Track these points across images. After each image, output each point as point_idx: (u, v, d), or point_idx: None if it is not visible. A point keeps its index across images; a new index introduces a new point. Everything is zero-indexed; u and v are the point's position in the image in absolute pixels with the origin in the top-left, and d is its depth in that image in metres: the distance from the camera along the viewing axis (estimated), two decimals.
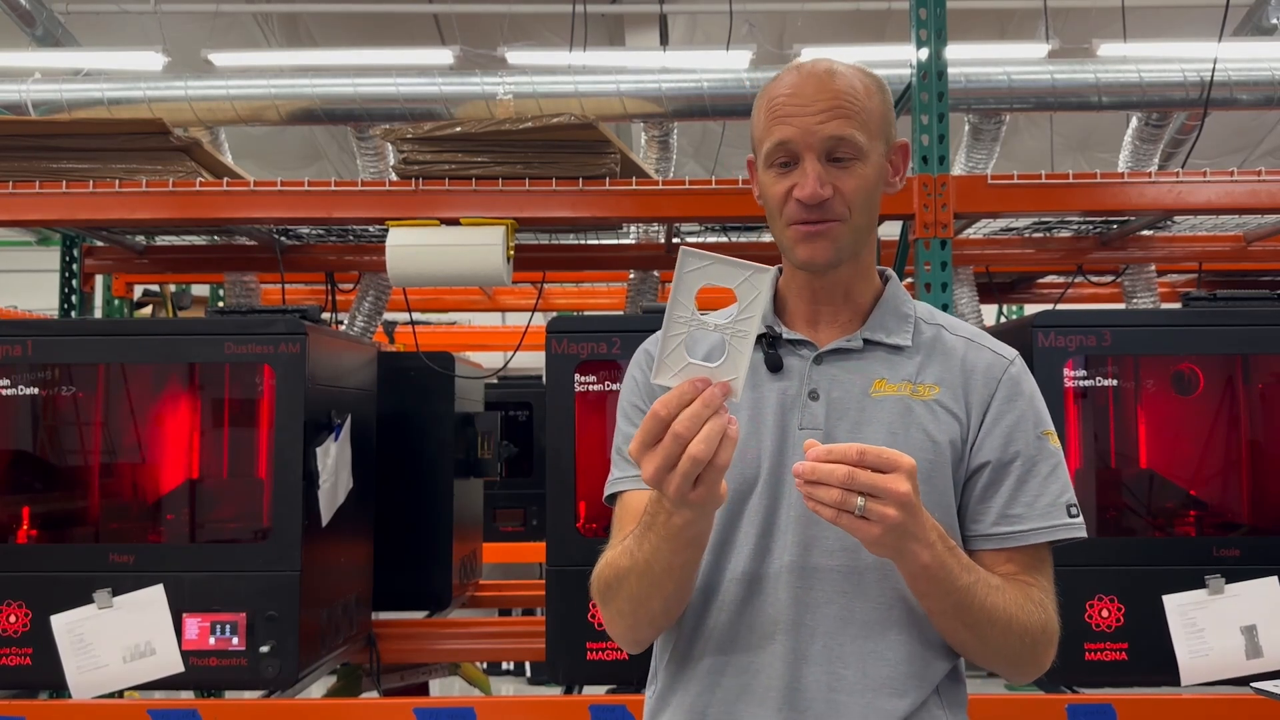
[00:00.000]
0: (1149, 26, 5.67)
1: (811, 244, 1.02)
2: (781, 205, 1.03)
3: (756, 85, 2.59)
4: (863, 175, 1.02)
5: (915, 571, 0.90)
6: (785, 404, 1.04)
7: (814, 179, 0.99)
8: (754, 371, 1.04)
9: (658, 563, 0.94)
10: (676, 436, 0.81)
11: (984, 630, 0.96)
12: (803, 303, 1.09)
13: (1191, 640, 1.77)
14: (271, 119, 2.62)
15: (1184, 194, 2.00)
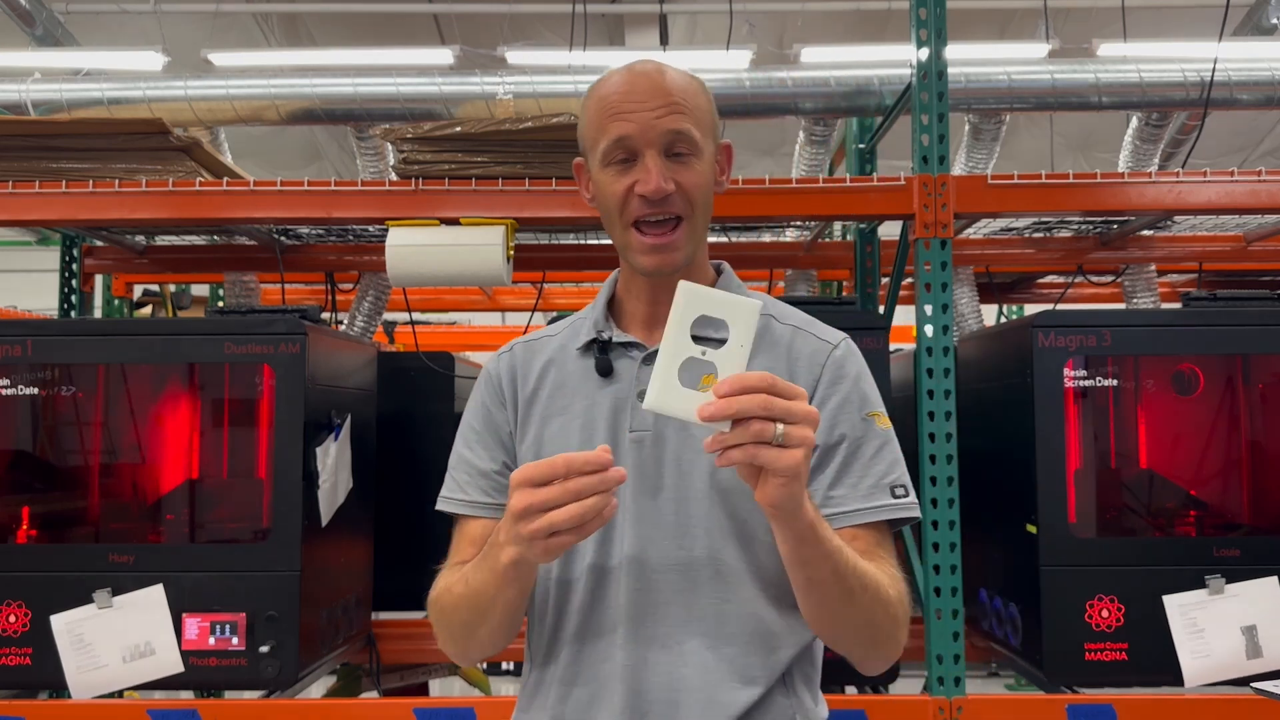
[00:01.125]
0: (1149, 26, 5.67)
1: (659, 255, 1.02)
2: (622, 204, 1.02)
3: (757, 85, 2.58)
4: (700, 171, 1.02)
5: (802, 530, 0.87)
6: (616, 408, 1.05)
7: (657, 173, 0.99)
8: (586, 380, 1.07)
9: (485, 595, 0.96)
10: (565, 490, 0.82)
11: (860, 597, 0.94)
12: (641, 305, 1.09)
13: (1192, 640, 1.77)
14: (271, 119, 2.62)
15: (1184, 194, 2.00)
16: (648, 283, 1.07)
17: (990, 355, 2.16)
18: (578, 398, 1.07)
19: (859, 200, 1.99)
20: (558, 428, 1.06)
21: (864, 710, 1.78)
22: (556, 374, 1.09)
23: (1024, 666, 1.97)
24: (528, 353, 1.13)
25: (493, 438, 1.10)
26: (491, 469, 1.09)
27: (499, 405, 1.11)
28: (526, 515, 0.82)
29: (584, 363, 1.08)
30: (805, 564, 0.91)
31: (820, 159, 2.84)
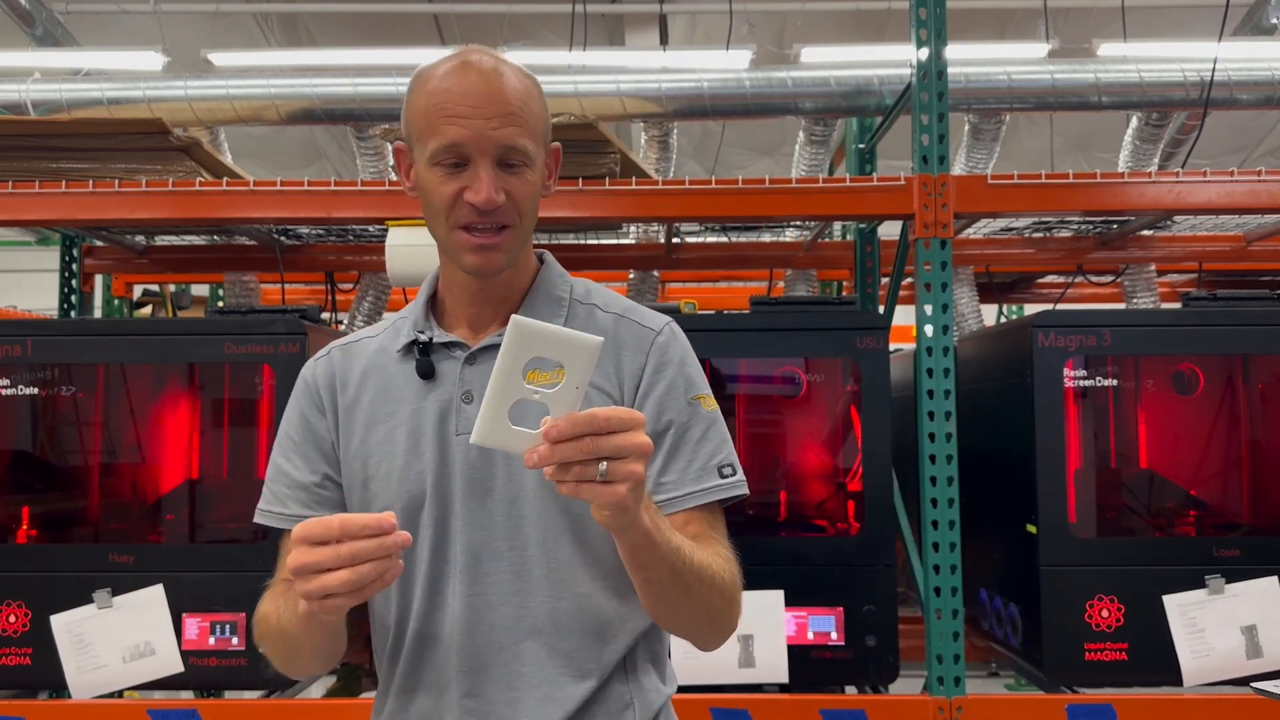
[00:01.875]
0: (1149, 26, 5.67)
1: (484, 255, 1.01)
2: (449, 207, 1.00)
3: (757, 85, 2.58)
4: (531, 181, 1.02)
5: (638, 541, 0.87)
6: (442, 411, 1.03)
7: (489, 185, 0.98)
8: (408, 383, 1.05)
9: (293, 635, 0.97)
10: (338, 555, 0.80)
11: (696, 589, 0.95)
12: (463, 305, 1.07)
13: (1192, 640, 1.77)
14: (271, 119, 2.62)
15: (1184, 194, 1.99)
16: (470, 281, 1.05)
17: (990, 355, 2.16)
18: (402, 403, 1.04)
19: (859, 200, 1.99)
20: (383, 435, 1.04)
21: (864, 710, 1.78)
22: (378, 378, 1.07)
23: (1024, 666, 1.97)
24: (346, 357, 1.10)
25: (313, 448, 1.07)
26: (311, 481, 1.06)
27: (318, 413, 1.07)
28: (302, 574, 0.80)
29: (405, 365, 1.06)
30: (643, 568, 0.91)
31: (820, 159, 2.84)
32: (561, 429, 0.78)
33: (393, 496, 1.02)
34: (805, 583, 1.82)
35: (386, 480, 1.03)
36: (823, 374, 2.05)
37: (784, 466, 2.11)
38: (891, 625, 1.80)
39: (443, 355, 1.06)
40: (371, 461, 1.04)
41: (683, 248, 2.88)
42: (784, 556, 1.84)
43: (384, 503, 1.02)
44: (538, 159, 1.02)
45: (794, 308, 2.12)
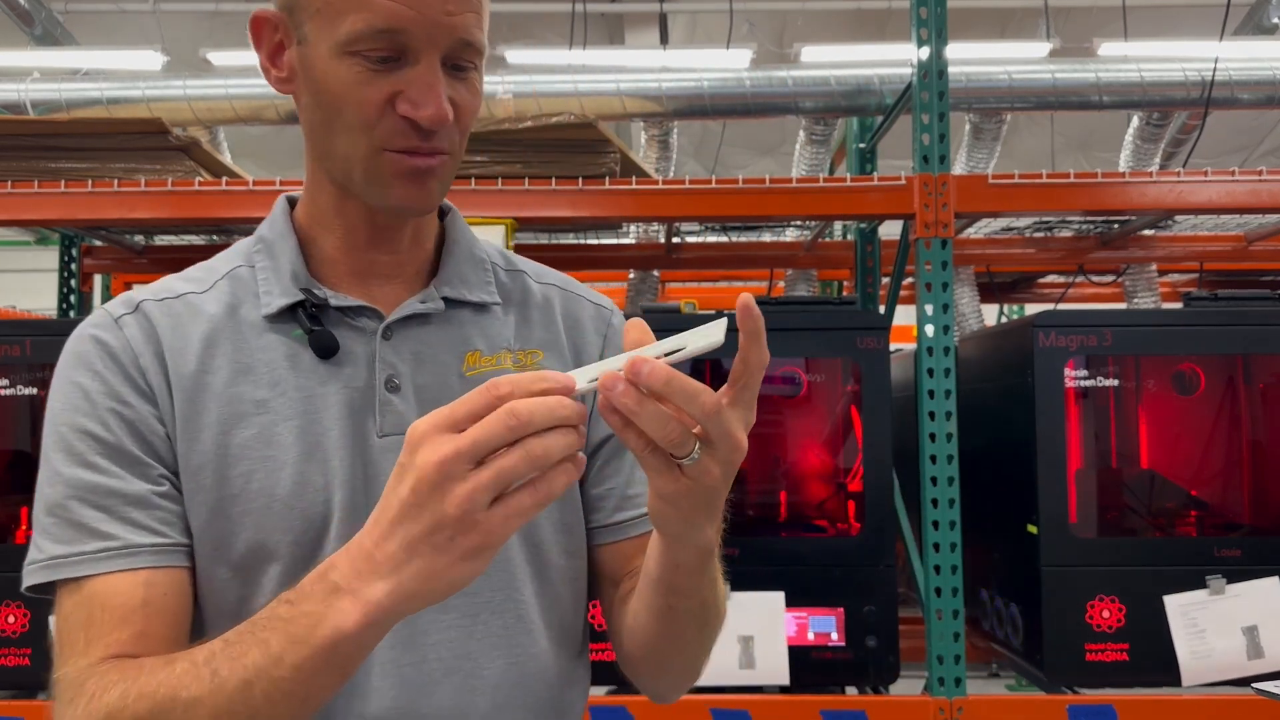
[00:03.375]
0: (1150, 25, 5.66)
1: (419, 186, 0.73)
2: (375, 118, 0.70)
3: (757, 84, 2.58)
4: (478, 91, 0.75)
5: (692, 556, 0.66)
6: (353, 404, 0.74)
7: (440, 95, 0.70)
8: (294, 362, 0.74)
9: (269, 688, 0.58)
10: (514, 413, 0.53)
11: (709, 629, 0.75)
12: (349, 249, 0.78)
13: (1192, 641, 1.76)
14: (270, 118, 2.62)
15: (1185, 194, 1.99)
16: (365, 219, 0.76)
17: (991, 355, 2.16)
18: (281, 389, 0.73)
19: (859, 200, 1.99)
20: (254, 434, 0.72)
21: (864, 711, 1.78)
22: (232, 351, 0.74)
23: (1025, 667, 1.96)
24: (169, 315, 0.75)
25: (137, 443, 0.71)
26: (149, 490, 0.70)
27: (140, 395, 0.72)
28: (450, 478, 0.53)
29: (281, 336, 0.75)
30: (673, 591, 0.69)
31: (821, 158, 2.84)
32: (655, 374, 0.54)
33: (273, 525, 0.71)
34: (806, 583, 1.81)
35: (261, 501, 0.71)
36: (823, 374, 2.04)
37: (784, 467, 2.10)
38: (892, 626, 1.80)
39: (342, 325, 0.76)
40: (234, 474, 0.71)
41: (683, 247, 2.87)
42: (784, 557, 1.84)
43: (256, 536, 0.71)
44: (481, 64, 0.76)
45: (794, 308, 2.12)
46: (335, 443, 0.73)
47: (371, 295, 0.78)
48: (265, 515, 0.71)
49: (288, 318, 0.76)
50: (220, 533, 0.71)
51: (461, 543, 0.54)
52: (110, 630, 0.67)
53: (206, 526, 0.72)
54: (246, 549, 0.71)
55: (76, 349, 0.74)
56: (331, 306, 0.76)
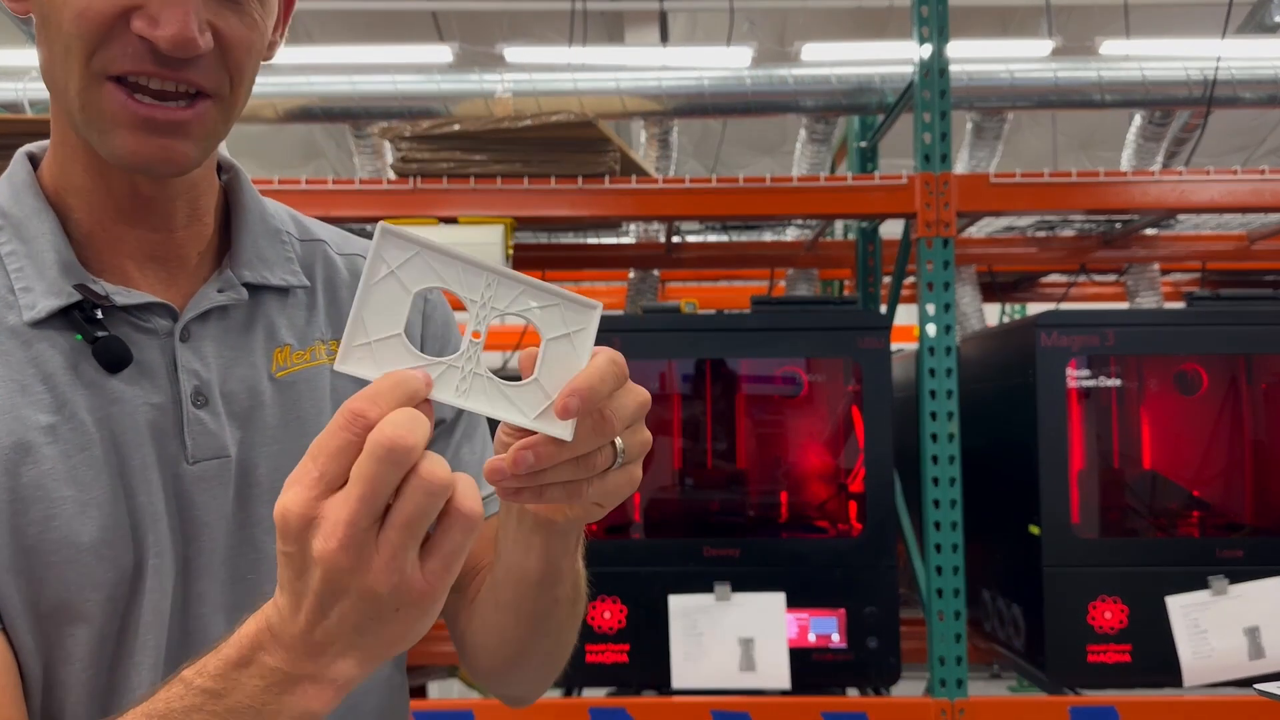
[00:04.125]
0: (1152, 24, 5.65)
1: (159, 142, 0.57)
2: (99, 35, 0.55)
3: (758, 83, 2.57)
4: (259, 26, 0.60)
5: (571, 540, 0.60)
6: (156, 423, 0.61)
7: (185, 10, 0.55)
8: (74, 377, 0.60)
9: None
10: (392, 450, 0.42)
11: (579, 606, 0.68)
12: (113, 222, 0.63)
13: (1195, 641, 1.76)
14: (268, 117, 2.61)
15: (1187, 193, 1.98)
16: (125, 185, 0.62)
17: (993, 355, 2.15)
18: (74, 411, 0.59)
19: (860, 199, 1.98)
20: (47, 470, 0.58)
21: (865, 713, 1.77)
22: (2, 366, 0.59)
23: (1026, 668, 1.96)
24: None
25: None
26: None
27: None
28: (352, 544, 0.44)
29: (50, 346, 0.59)
30: (558, 580, 0.61)
31: (822, 157, 2.83)
32: (590, 395, 0.47)
33: (80, 580, 0.58)
34: (807, 584, 1.80)
35: (65, 552, 0.57)
36: (824, 374, 2.03)
37: (785, 467, 2.10)
38: (893, 627, 1.79)
39: (128, 326, 0.61)
40: (29, 523, 0.57)
41: (683, 247, 2.87)
42: (785, 558, 1.83)
43: (60, 594, 0.58)
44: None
45: (795, 307, 2.11)
46: (139, 474, 0.60)
47: (154, 287, 0.63)
48: (69, 569, 0.57)
49: (60, 322, 0.60)
50: (13, 594, 0.57)
51: (408, 610, 0.46)
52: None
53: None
54: (48, 610, 0.58)
55: None
56: (116, 305, 0.60)
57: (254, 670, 0.47)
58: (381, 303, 0.48)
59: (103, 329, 0.60)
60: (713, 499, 2.05)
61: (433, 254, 0.48)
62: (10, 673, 0.57)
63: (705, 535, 1.91)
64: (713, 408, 2.03)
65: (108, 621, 0.59)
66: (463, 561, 0.47)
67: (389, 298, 0.48)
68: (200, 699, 0.48)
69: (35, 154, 0.65)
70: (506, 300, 0.50)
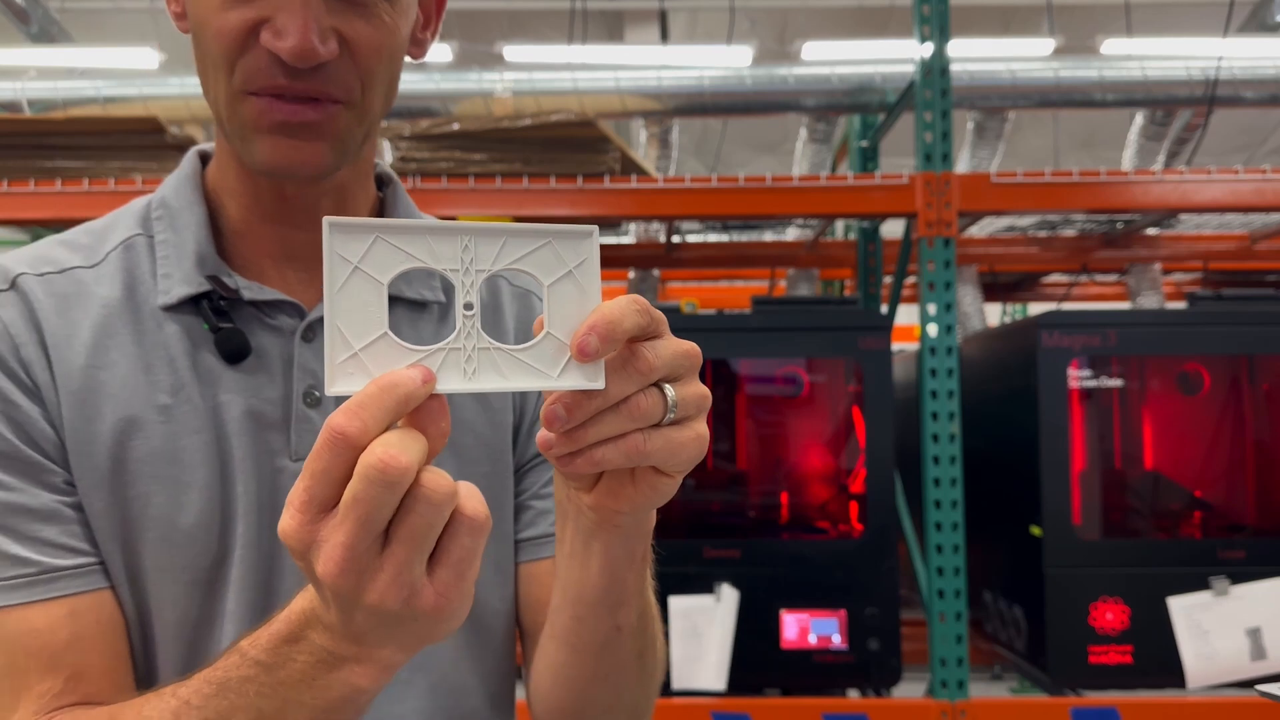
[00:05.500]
0: (1153, 22, 5.64)
1: (293, 144, 0.59)
2: (236, 50, 0.58)
3: (758, 82, 2.56)
4: (389, 26, 0.60)
5: (638, 547, 0.55)
6: (264, 417, 0.62)
7: (305, 24, 0.56)
8: (194, 362, 0.62)
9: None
10: (384, 471, 0.40)
11: (648, 657, 0.63)
12: (257, 221, 0.65)
13: (1196, 642, 1.75)
14: None
15: (1189, 192, 1.98)
16: (273, 190, 0.64)
17: (994, 355, 2.15)
18: (189, 396, 0.61)
19: (861, 198, 1.97)
20: (156, 448, 0.60)
21: (866, 714, 1.76)
22: (132, 344, 0.62)
23: (1028, 669, 1.95)
24: (53, 296, 0.62)
25: (32, 448, 0.60)
26: (57, 502, 0.60)
27: (25, 392, 0.60)
28: (350, 569, 0.42)
29: (181, 329, 0.62)
30: (621, 604, 0.57)
31: (822, 156, 2.83)
32: (608, 327, 0.44)
33: (170, 558, 0.61)
34: (807, 585, 1.80)
35: (160, 529, 0.60)
36: (825, 374, 2.03)
37: (786, 468, 2.09)
38: (894, 628, 1.79)
39: (255, 322, 0.63)
40: (133, 497, 0.60)
41: (683, 246, 2.86)
42: (786, 559, 1.83)
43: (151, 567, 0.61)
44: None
45: (796, 307, 2.10)
46: (240, 465, 0.61)
47: (290, 285, 0.65)
48: (162, 546, 0.60)
49: (191, 309, 0.63)
50: (116, 561, 0.61)
51: (424, 619, 0.44)
52: (41, 678, 0.57)
53: (104, 552, 0.61)
54: (141, 581, 0.61)
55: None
56: (245, 300, 0.63)
57: (303, 647, 0.48)
58: (355, 305, 0.43)
59: (228, 321, 0.62)
60: (713, 500, 2.05)
61: (393, 233, 0.44)
62: (115, 627, 0.61)
63: (706, 536, 1.91)
64: (713, 408, 2.02)
65: (192, 603, 0.61)
66: (476, 567, 0.45)
67: (361, 296, 0.43)
68: (254, 670, 0.49)
69: (206, 152, 0.69)
70: (490, 257, 0.45)
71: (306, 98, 0.59)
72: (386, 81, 0.62)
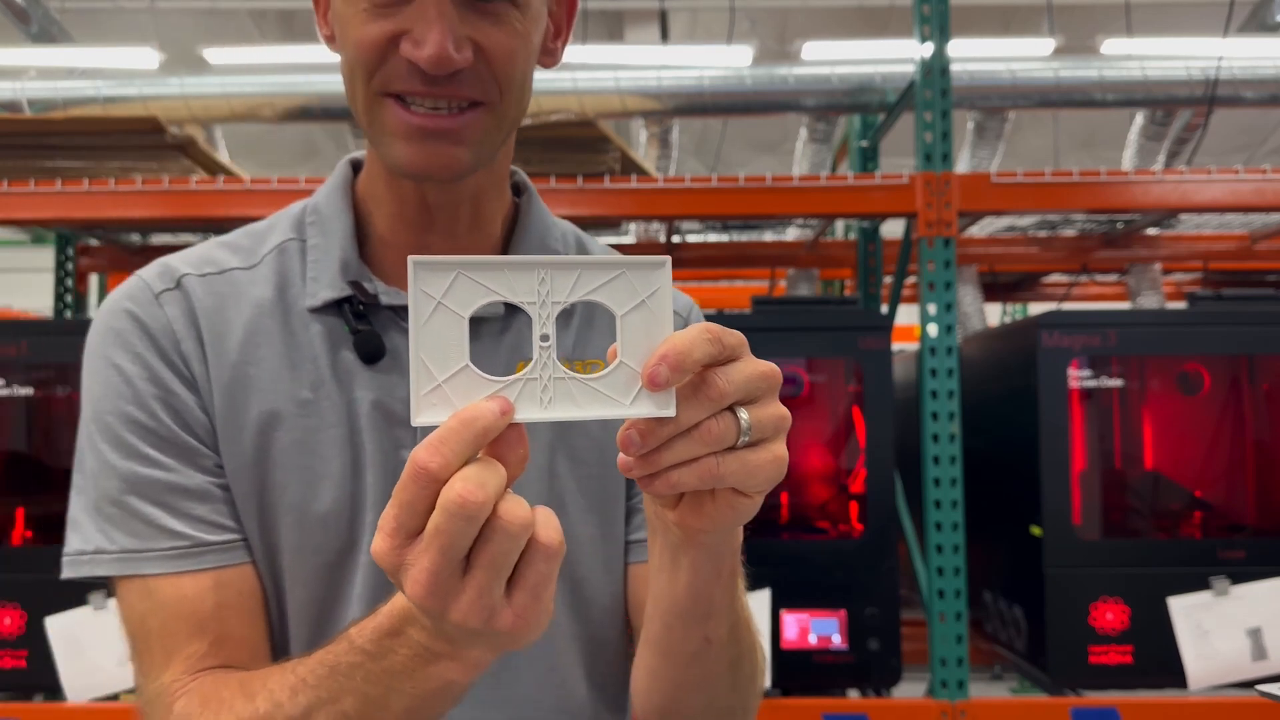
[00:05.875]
0: (1153, 22, 5.65)
1: (432, 148, 0.63)
2: (376, 60, 0.62)
3: (759, 82, 2.56)
4: (520, 32, 0.63)
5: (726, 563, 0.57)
6: (393, 414, 0.66)
7: (441, 33, 0.60)
8: (334, 360, 0.67)
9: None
10: (464, 505, 0.43)
11: (743, 665, 0.65)
12: (400, 228, 0.69)
13: (1197, 643, 1.75)
14: (267, 116, 2.60)
15: (1189, 192, 1.98)
16: (414, 194, 0.68)
17: (994, 355, 2.15)
18: (328, 392, 0.66)
19: (861, 198, 1.97)
20: (296, 440, 0.66)
21: (866, 714, 1.76)
22: (281, 343, 0.67)
23: (1028, 669, 1.95)
24: (212, 295, 0.68)
25: (187, 433, 0.66)
26: (208, 482, 0.65)
27: (183, 382, 0.66)
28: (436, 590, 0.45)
29: (325, 329, 0.67)
30: (709, 616, 0.58)
31: (822, 156, 2.83)
32: (678, 357, 0.45)
33: (302, 543, 0.66)
34: (807, 585, 1.80)
35: (294, 515, 0.65)
36: (825, 374, 2.03)
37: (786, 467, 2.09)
38: (894, 628, 1.79)
39: (392, 326, 0.68)
40: (273, 484, 0.66)
41: (683, 246, 2.86)
42: (786, 558, 1.83)
43: (285, 549, 0.66)
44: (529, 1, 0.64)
45: (796, 307, 2.10)
46: (370, 458, 0.66)
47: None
48: (296, 532, 0.66)
49: (335, 311, 0.68)
50: (256, 540, 0.67)
51: (504, 636, 0.47)
52: (187, 640, 0.63)
53: (247, 531, 0.68)
54: (276, 562, 0.67)
55: (112, 324, 0.69)
56: (382, 304, 0.68)
57: (403, 641, 0.51)
58: (438, 339, 0.46)
59: (367, 323, 0.67)
60: None
61: (474, 269, 0.46)
62: (255, 599, 0.66)
63: None
64: None
65: (322, 584, 0.67)
66: (552, 589, 0.47)
67: (445, 330, 0.46)
68: (360, 658, 0.53)
69: (357, 160, 0.74)
70: (566, 289, 0.47)
71: (444, 105, 0.63)
72: (520, 86, 0.66)
